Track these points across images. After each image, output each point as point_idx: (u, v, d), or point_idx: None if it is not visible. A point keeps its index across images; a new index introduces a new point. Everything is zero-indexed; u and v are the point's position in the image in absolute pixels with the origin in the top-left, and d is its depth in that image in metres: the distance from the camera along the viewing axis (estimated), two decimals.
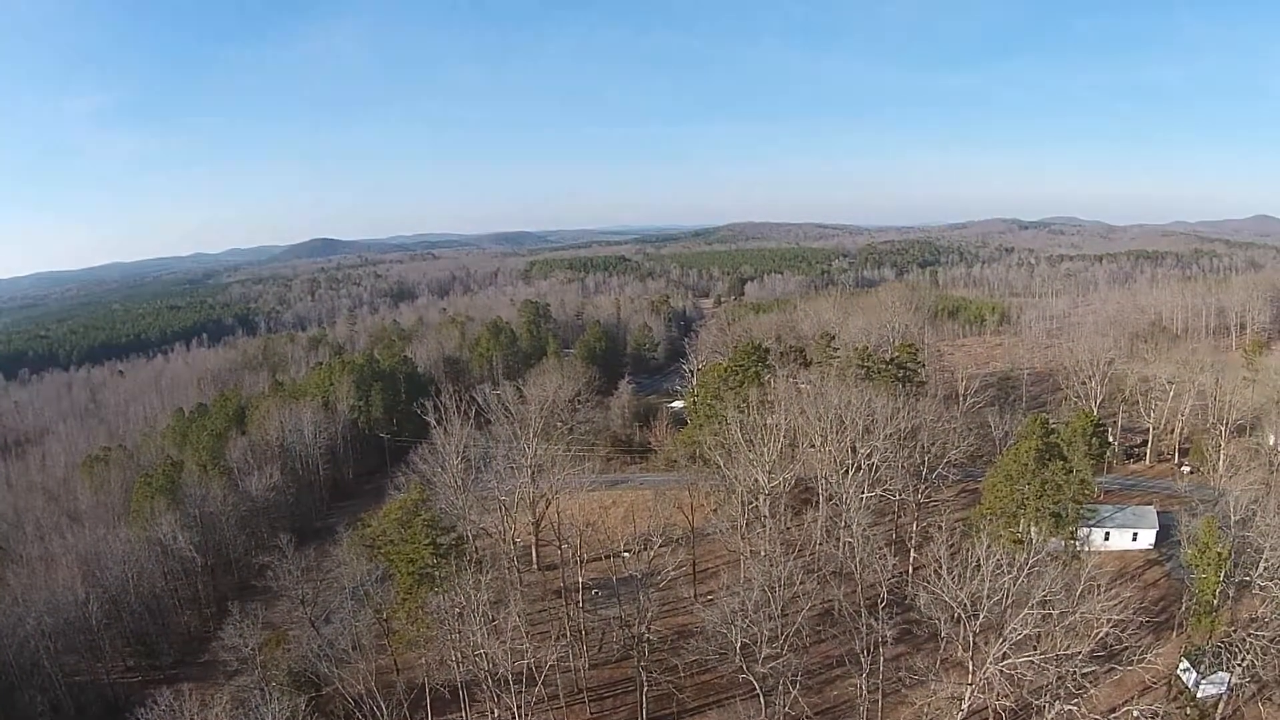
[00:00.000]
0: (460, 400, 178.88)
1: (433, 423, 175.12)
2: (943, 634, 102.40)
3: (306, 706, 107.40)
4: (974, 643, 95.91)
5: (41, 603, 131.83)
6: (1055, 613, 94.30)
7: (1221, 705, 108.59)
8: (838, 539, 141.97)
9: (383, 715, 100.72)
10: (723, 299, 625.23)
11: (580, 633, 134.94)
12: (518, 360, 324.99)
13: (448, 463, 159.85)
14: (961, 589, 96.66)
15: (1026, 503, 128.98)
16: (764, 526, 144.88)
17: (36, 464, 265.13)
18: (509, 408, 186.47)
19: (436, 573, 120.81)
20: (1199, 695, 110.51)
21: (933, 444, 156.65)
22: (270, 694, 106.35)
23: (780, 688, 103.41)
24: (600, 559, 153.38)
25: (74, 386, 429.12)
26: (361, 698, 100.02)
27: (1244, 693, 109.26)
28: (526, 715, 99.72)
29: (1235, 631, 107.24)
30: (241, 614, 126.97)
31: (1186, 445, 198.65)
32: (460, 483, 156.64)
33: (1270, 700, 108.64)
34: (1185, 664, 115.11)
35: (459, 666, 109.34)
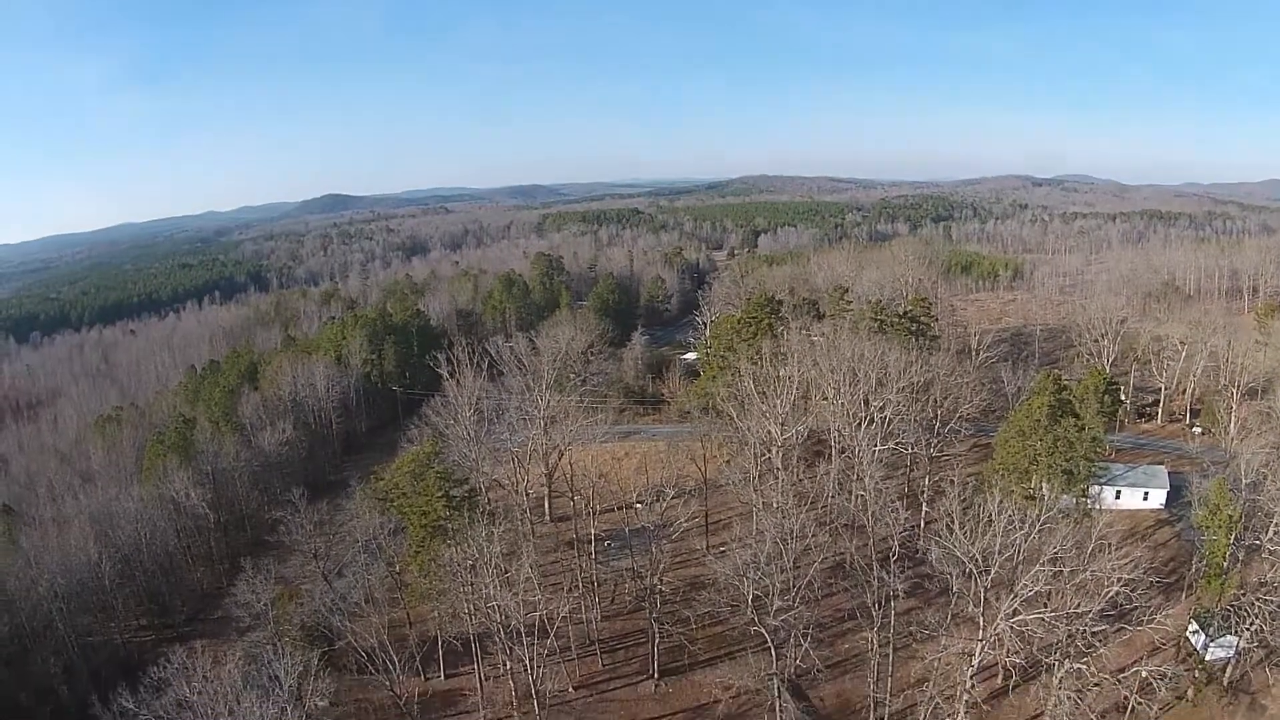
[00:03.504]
0: (473, 353, 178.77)
1: (445, 375, 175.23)
2: (954, 589, 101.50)
3: (319, 660, 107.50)
4: (985, 598, 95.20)
5: (54, 564, 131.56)
6: (1066, 570, 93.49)
7: (1229, 669, 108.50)
8: (850, 492, 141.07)
9: (395, 668, 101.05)
10: (736, 251, 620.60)
11: (592, 584, 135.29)
12: (531, 312, 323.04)
13: (460, 415, 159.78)
14: (973, 544, 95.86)
15: (1038, 459, 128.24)
16: (776, 478, 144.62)
17: (49, 426, 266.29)
18: (522, 360, 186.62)
19: (449, 525, 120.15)
20: (1207, 658, 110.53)
21: (945, 398, 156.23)
22: (283, 649, 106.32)
23: (791, 640, 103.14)
24: (613, 510, 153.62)
25: (85, 348, 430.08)
26: (374, 651, 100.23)
27: (1252, 657, 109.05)
28: (539, 667, 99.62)
29: (1244, 595, 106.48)
30: (254, 570, 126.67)
31: (1198, 406, 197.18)
32: (473, 435, 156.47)
33: (1279, 666, 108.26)
34: (1194, 626, 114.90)
35: (471, 619, 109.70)
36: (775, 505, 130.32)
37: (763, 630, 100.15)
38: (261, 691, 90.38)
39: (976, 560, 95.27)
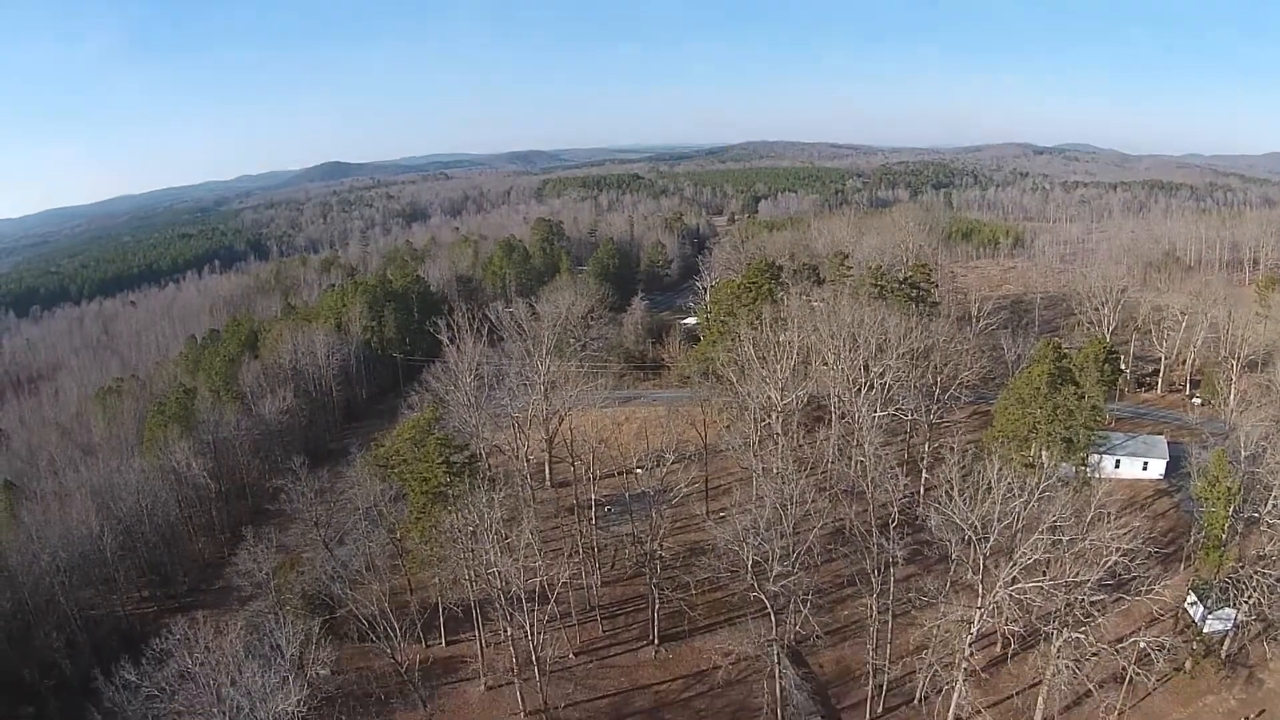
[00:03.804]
0: (473, 319, 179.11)
1: (446, 341, 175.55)
2: (953, 556, 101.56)
3: (321, 629, 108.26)
4: (984, 566, 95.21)
5: (56, 538, 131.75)
6: (1065, 539, 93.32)
7: (1228, 642, 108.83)
8: (850, 458, 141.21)
9: (396, 635, 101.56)
10: (736, 217, 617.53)
11: (593, 550, 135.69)
12: (531, 278, 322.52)
13: (461, 381, 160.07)
14: (972, 511, 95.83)
15: (1038, 427, 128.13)
16: (776, 444, 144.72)
17: (50, 399, 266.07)
18: (522, 325, 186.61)
19: (450, 491, 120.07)
20: (1205, 630, 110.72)
21: (945, 365, 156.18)
22: (284, 618, 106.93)
23: (791, 606, 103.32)
24: (613, 476, 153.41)
25: (86, 320, 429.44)
26: (375, 618, 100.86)
27: (1250, 630, 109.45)
28: (539, 633, 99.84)
29: (1243, 568, 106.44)
30: (255, 539, 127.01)
31: (1198, 377, 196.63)
32: (473, 400, 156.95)
33: (1276, 640, 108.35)
34: (1192, 598, 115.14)
35: (472, 585, 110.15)
36: (775, 470, 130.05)
37: (762, 596, 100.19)
38: (263, 661, 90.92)
39: (976, 528, 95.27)
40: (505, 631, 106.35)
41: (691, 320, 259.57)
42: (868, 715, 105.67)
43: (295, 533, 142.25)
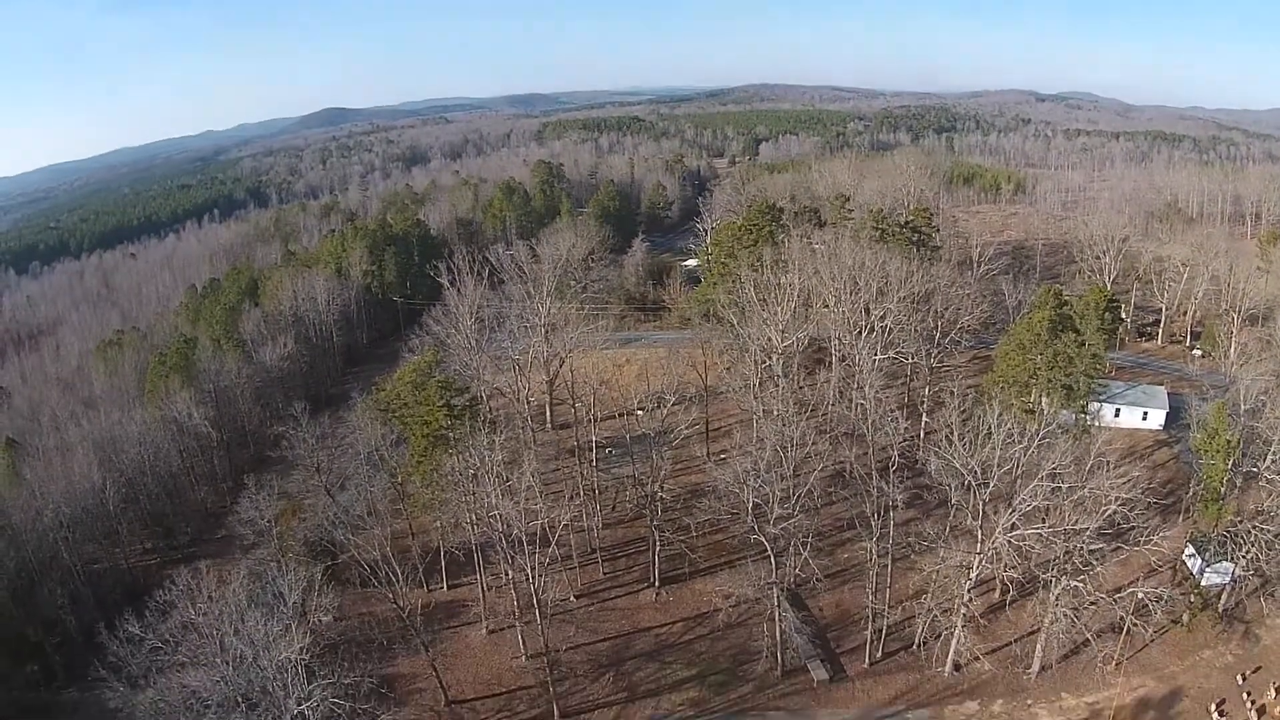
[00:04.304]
0: (473, 261, 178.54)
1: (446, 284, 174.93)
2: (953, 501, 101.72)
3: (323, 575, 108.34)
4: (983, 511, 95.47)
5: (58, 493, 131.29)
6: (1064, 486, 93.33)
7: (1225, 595, 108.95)
8: (850, 400, 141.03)
9: (398, 580, 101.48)
10: (737, 159, 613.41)
11: (594, 492, 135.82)
12: (531, 220, 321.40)
13: (461, 323, 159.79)
14: (972, 456, 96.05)
15: (1038, 373, 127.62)
16: (777, 386, 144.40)
17: (50, 355, 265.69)
18: (522, 267, 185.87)
19: (451, 434, 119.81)
20: (1203, 583, 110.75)
21: (946, 309, 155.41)
22: (287, 565, 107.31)
23: (791, 549, 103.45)
24: (614, 417, 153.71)
25: (86, 274, 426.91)
26: (377, 563, 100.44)
27: (1247, 585, 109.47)
28: (540, 576, 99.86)
29: (1241, 523, 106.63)
30: (257, 486, 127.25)
31: (1199, 329, 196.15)
32: (474, 343, 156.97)
33: (1273, 596, 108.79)
34: (1190, 550, 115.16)
35: (473, 528, 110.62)
36: (775, 413, 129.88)
37: (762, 539, 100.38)
38: (266, 609, 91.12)
39: (975, 473, 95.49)
40: (506, 575, 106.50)
41: (692, 262, 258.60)
42: (867, 659, 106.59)
43: (297, 479, 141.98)
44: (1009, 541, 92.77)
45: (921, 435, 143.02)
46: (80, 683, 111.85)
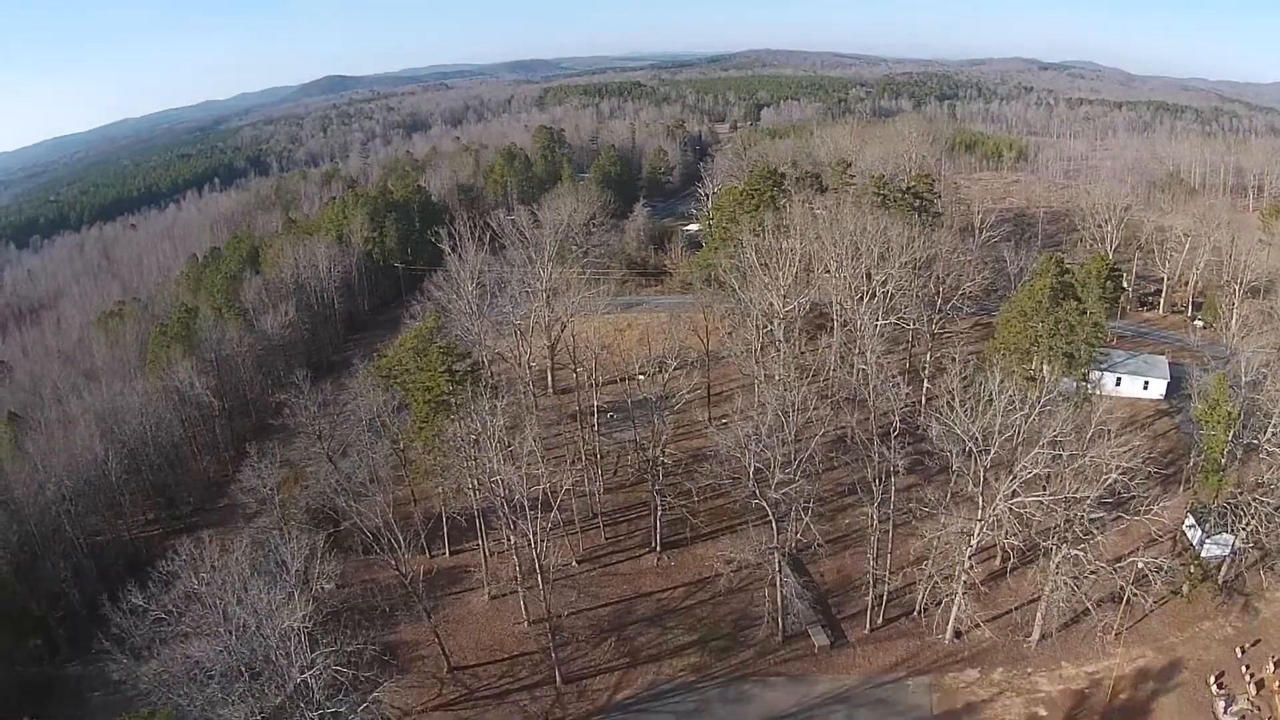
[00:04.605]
0: (475, 227, 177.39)
1: (447, 250, 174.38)
2: (954, 467, 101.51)
3: (325, 543, 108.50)
4: (984, 478, 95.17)
5: (61, 466, 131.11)
6: (1065, 454, 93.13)
7: (1225, 567, 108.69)
8: (851, 366, 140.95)
9: (400, 547, 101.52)
10: (738, 124, 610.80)
11: (595, 457, 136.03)
12: (532, 186, 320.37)
13: (463, 289, 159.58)
14: (973, 423, 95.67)
15: (1040, 340, 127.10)
16: (778, 350, 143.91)
17: (51, 328, 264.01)
18: (524, 232, 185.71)
19: (452, 400, 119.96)
20: (1203, 554, 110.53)
21: (948, 275, 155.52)
22: (289, 533, 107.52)
23: (792, 514, 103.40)
24: (615, 382, 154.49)
25: (86, 246, 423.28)
26: (379, 530, 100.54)
27: (1247, 558, 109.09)
28: (542, 541, 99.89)
29: (1241, 494, 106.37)
30: (259, 455, 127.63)
31: (1200, 299, 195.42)
32: (475, 308, 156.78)
33: (1273, 570, 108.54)
34: (1191, 521, 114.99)
35: (475, 494, 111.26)
36: (777, 377, 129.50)
37: (764, 503, 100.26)
38: (269, 578, 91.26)
39: (976, 439, 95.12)
40: (508, 540, 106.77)
41: (694, 227, 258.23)
42: (868, 625, 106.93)
43: (299, 447, 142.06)
44: (1010, 509, 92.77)
45: (923, 401, 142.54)
46: (84, 656, 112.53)
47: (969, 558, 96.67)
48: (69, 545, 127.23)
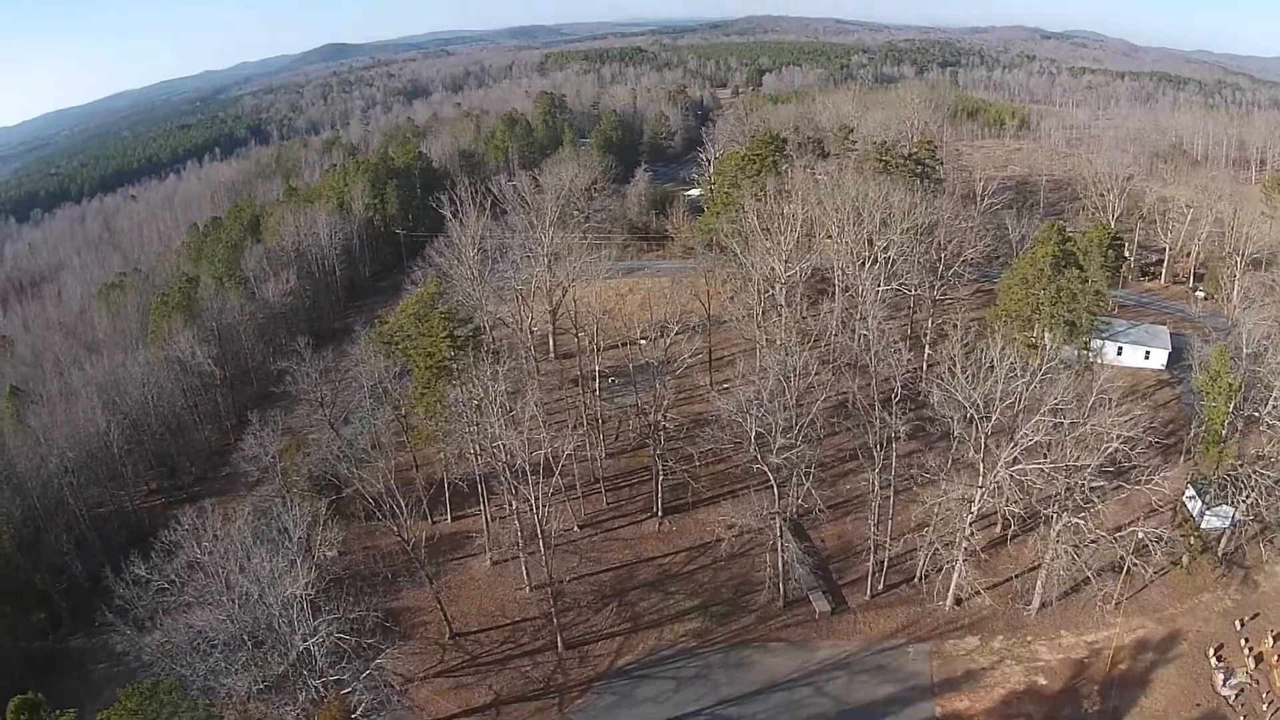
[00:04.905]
0: (476, 192, 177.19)
1: (449, 216, 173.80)
2: (955, 434, 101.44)
3: (327, 510, 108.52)
4: (985, 445, 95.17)
5: (63, 439, 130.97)
6: (1066, 422, 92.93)
7: (1224, 539, 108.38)
8: (853, 331, 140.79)
9: (402, 513, 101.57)
10: (740, 90, 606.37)
11: (597, 422, 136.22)
12: (533, 151, 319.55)
13: (464, 254, 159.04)
14: (975, 389, 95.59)
15: (1041, 308, 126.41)
16: (780, 315, 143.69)
17: (53, 301, 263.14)
18: (525, 198, 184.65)
19: (454, 365, 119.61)
20: (1203, 526, 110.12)
21: (949, 241, 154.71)
22: (291, 501, 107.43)
23: (793, 479, 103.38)
24: (616, 347, 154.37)
25: (86, 218, 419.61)
26: (381, 497, 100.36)
27: (1247, 531, 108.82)
28: (544, 506, 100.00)
29: (1242, 466, 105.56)
30: (261, 423, 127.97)
31: (1202, 271, 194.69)
32: (477, 273, 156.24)
33: (1272, 543, 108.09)
34: (1191, 492, 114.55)
35: (477, 459, 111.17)
36: (778, 342, 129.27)
37: (765, 468, 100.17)
38: (271, 545, 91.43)
39: (978, 406, 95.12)
40: (510, 506, 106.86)
41: (695, 192, 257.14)
42: (869, 591, 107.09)
43: (301, 414, 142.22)
44: (1010, 476, 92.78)
45: (924, 367, 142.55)
46: (87, 629, 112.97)
47: (969, 525, 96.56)
48: (72, 518, 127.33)
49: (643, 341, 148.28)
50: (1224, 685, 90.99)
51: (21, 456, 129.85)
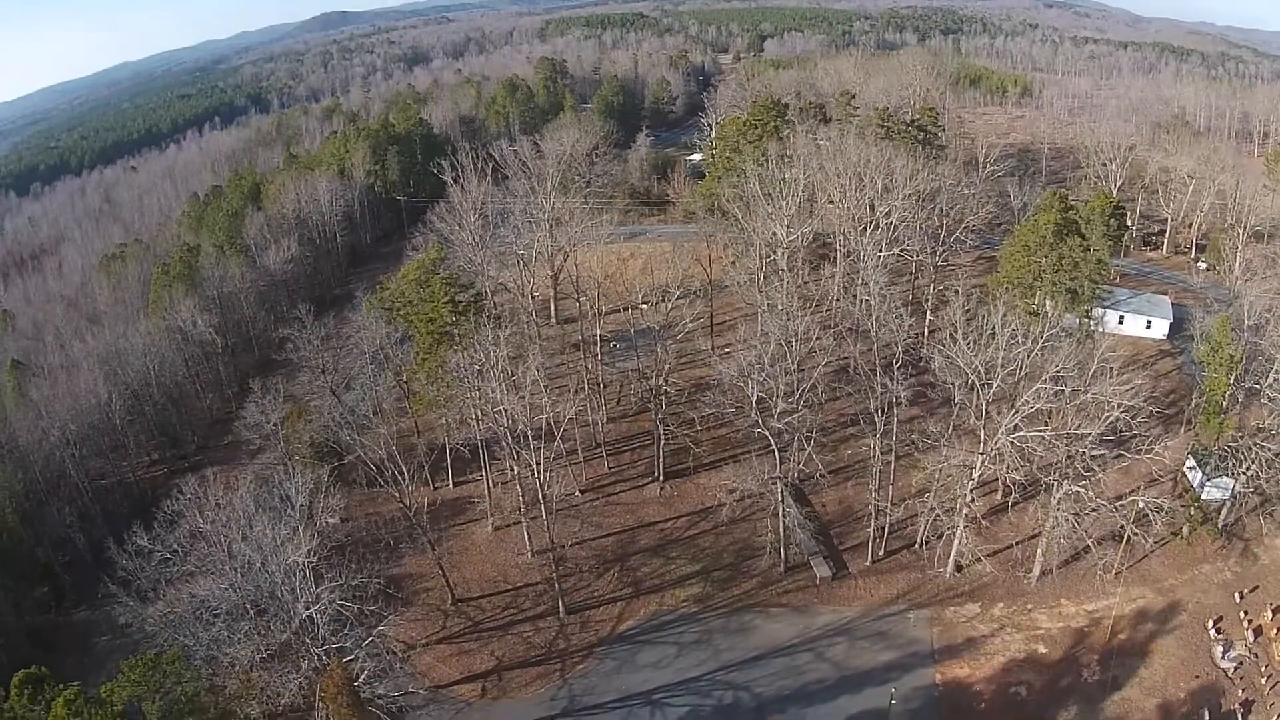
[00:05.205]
0: (477, 158, 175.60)
1: (450, 181, 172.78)
2: (956, 400, 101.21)
3: (329, 477, 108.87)
4: (986, 412, 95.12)
5: (65, 411, 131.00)
6: (1067, 390, 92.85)
7: (1225, 511, 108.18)
8: (855, 296, 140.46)
9: (404, 479, 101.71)
10: (742, 55, 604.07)
11: (598, 386, 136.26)
12: (535, 116, 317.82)
13: (465, 220, 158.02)
14: (976, 356, 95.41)
15: (1043, 275, 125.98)
16: (781, 280, 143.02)
17: (53, 273, 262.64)
18: (526, 163, 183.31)
19: (455, 330, 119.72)
20: (1203, 497, 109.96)
21: (951, 208, 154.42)
22: (293, 468, 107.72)
23: (795, 444, 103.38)
24: (618, 312, 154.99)
25: (87, 190, 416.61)
26: (383, 463, 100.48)
27: (1247, 503, 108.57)
28: (546, 471, 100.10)
29: (1242, 438, 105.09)
30: (262, 391, 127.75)
31: (1204, 242, 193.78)
32: (478, 239, 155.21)
33: (1272, 516, 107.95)
34: (1191, 462, 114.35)
35: (478, 424, 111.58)
36: (780, 307, 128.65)
37: (766, 433, 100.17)
38: (273, 513, 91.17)
39: (979, 372, 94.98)
40: (512, 470, 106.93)
41: (697, 156, 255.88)
42: (869, 557, 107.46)
43: (302, 381, 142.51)
44: (1011, 442, 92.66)
45: (926, 333, 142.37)
46: (90, 601, 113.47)
47: (970, 491, 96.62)
48: (74, 490, 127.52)
49: (644, 306, 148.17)
50: (1223, 657, 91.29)
51: (23, 430, 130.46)
